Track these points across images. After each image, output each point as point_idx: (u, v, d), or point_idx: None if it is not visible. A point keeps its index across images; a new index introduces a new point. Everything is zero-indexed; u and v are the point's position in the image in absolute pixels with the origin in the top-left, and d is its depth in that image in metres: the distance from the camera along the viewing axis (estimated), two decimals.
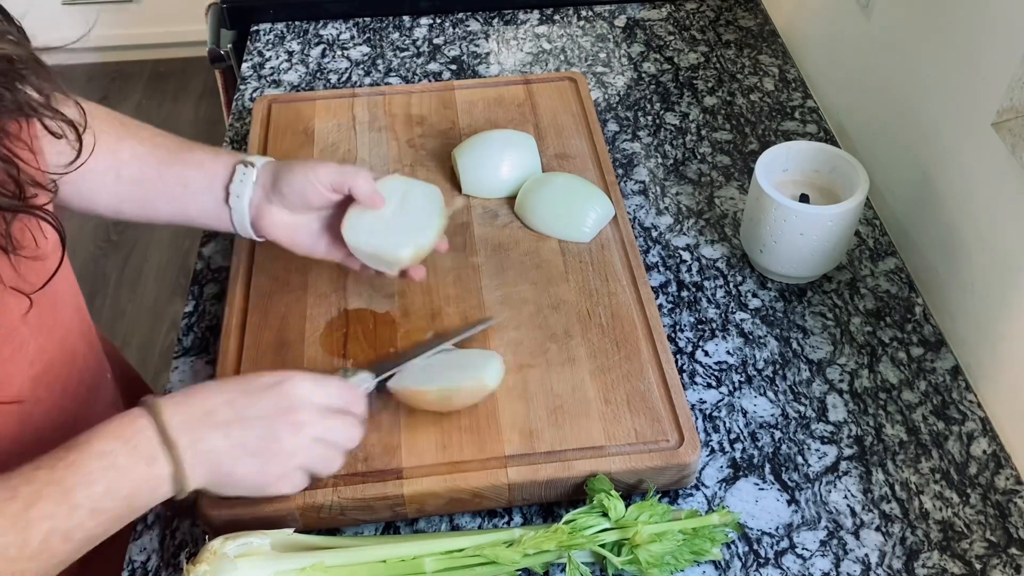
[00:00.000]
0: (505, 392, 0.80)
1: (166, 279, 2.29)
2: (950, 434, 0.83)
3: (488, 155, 0.98)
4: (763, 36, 1.29)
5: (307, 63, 1.26)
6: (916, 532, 0.76)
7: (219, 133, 2.64)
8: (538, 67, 1.24)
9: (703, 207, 1.04)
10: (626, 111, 1.17)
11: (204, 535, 0.76)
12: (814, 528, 0.76)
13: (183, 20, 2.77)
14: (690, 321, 0.92)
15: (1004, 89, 0.79)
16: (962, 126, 0.87)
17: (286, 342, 0.84)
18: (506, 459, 0.75)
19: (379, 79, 1.22)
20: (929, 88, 0.93)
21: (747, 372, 0.88)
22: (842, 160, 0.92)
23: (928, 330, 0.91)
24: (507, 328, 0.85)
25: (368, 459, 0.75)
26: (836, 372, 0.88)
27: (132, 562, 0.75)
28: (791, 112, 1.16)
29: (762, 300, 0.94)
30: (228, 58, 1.33)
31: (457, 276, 0.90)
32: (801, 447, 0.82)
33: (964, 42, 0.86)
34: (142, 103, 2.79)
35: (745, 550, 0.75)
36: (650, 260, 0.98)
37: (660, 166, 1.09)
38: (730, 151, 1.11)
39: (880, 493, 0.78)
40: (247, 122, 1.15)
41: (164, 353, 2.12)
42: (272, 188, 0.80)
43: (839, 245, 0.91)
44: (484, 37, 1.30)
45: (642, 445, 0.76)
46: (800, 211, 0.88)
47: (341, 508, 0.73)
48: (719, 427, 0.83)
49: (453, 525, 0.77)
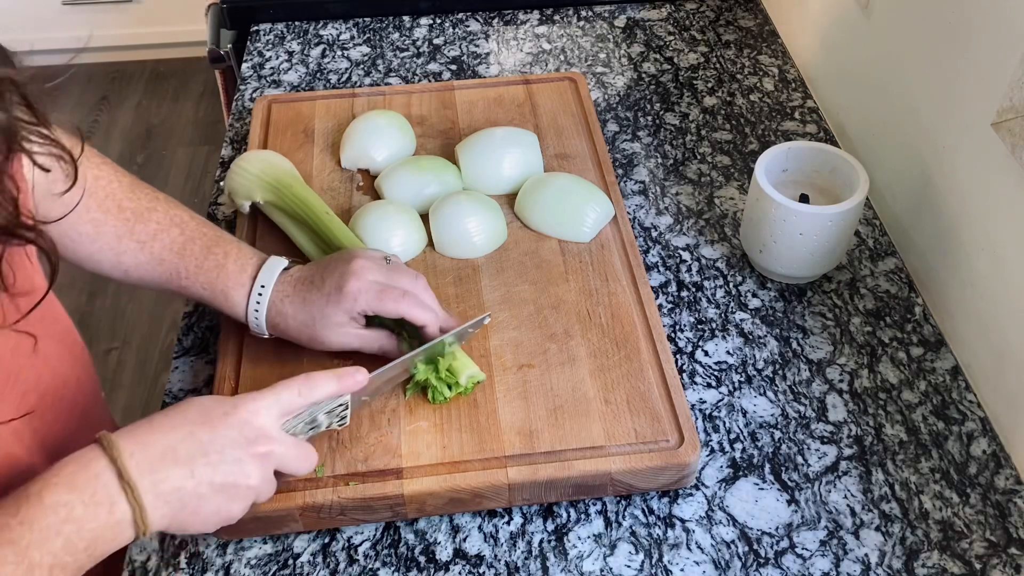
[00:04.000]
0: (505, 392, 0.80)
1: None
2: (950, 434, 0.83)
3: (491, 151, 0.98)
4: (763, 36, 1.29)
5: (307, 63, 1.26)
6: (916, 532, 0.76)
7: (219, 133, 2.65)
8: (538, 67, 1.24)
9: (703, 207, 1.04)
10: (626, 111, 1.17)
11: (204, 535, 0.76)
12: (814, 528, 0.76)
13: (183, 20, 2.77)
14: (690, 321, 0.92)
15: (1004, 89, 0.79)
16: (962, 126, 0.87)
17: (286, 342, 0.84)
18: (506, 459, 0.75)
19: (379, 79, 1.22)
20: (929, 88, 0.93)
21: (747, 372, 0.88)
22: (842, 160, 0.92)
23: (928, 330, 0.91)
24: (507, 328, 0.85)
25: (368, 459, 0.75)
26: (836, 372, 0.88)
27: (132, 562, 0.75)
28: (791, 112, 1.16)
29: (762, 300, 0.94)
30: (228, 58, 1.33)
31: (457, 276, 0.90)
32: (801, 447, 0.82)
33: (964, 42, 0.86)
34: (142, 103, 2.79)
35: (745, 550, 0.75)
36: (650, 260, 0.98)
37: (660, 166, 1.09)
38: (730, 151, 1.11)
39: (880, 493, 0.79)
40: (247, 122, 1.16)
41: (164, 353, 2.12)
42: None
43: (839, 245, 0.91)
44: (484, 37, 1.30)
45: (642, 445, 0.76)
46: (800, 211, 0.88)
47: (341, 508, 0.73)
48: (719, 427, 0.83)
49: (453, 525, 0.77)
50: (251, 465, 0.63)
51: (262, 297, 0.79)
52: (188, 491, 0.61)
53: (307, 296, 0.78)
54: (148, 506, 0.59)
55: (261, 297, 0.79)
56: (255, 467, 0.63)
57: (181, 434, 0.61)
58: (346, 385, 0.69)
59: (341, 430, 0.77)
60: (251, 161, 0.95)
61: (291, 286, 0.79)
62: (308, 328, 0.79)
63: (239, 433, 0.63)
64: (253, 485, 0.63)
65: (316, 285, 0.78)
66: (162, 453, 0.60)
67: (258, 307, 0.79)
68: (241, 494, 0.63)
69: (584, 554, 0.75)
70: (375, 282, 0.78)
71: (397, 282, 0.79)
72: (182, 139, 2.66)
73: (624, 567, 0.74)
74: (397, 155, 1.01)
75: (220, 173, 1.07)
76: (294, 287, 0.79)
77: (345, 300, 0.77)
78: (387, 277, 0.79)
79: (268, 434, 0.64)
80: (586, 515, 0.77)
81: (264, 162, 0.95)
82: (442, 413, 0.78)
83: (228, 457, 0.62)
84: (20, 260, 0.67)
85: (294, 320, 0.79)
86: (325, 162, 1.02)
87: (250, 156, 0.96)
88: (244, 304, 0.79)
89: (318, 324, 0.78)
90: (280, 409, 0.65)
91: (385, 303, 0.77)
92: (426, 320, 0.79)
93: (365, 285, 0.77)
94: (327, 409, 0.70)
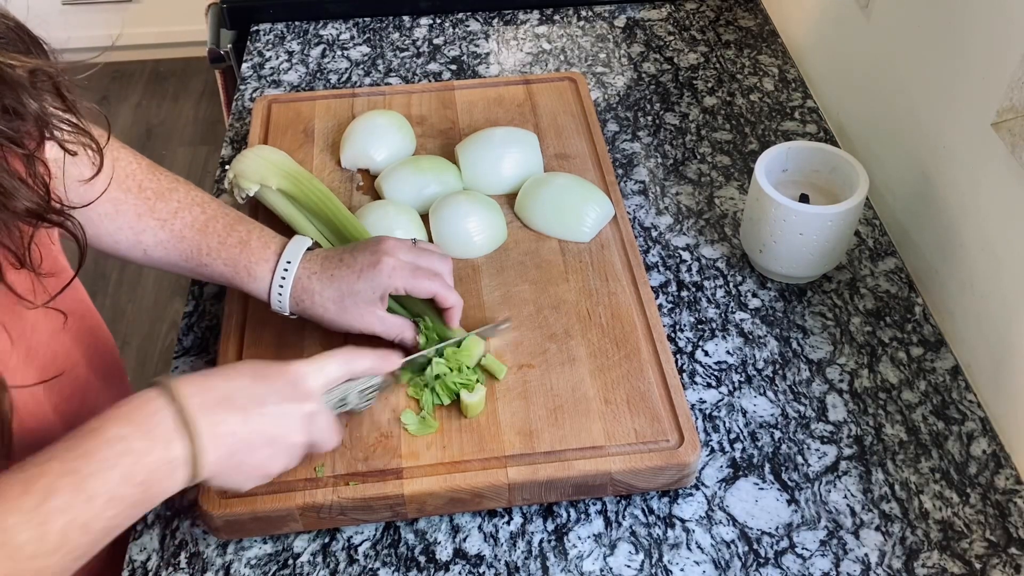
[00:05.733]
0: (505, 392, 0.80)
1: (166, 279, 2.29)
2: (950, 434, 0.83)
3: (491, 151, 0.98)
4: (763, 36, 1.29)
5: (307, 63, 1.26)
6: (916, 532, 0.76)
7: (219, 133, 2.65)
8: (538, 67, 1.24)
9: (703, 207, 1.04)
10: (626, 111, 1.17)
11: (204, 534, 0.76)
12: (814, 528, 0.76)
13: (183, 20, 2.77)
14: (690, 321, 0.92)
15: (1004, 89, 0.79)
16: (962, 126, 0.87)
17: (286, 342, 0.84)
18: (506, 459, 0.75)
19: (379, 79, 1.22)
20: (929, 88, 0.93)
21: (747, 372, 0.88)
22: (842, 160, 0.92)
23: (928, 330, 0.91)
24: (507, 328, 0.85)
25: (368, 459, 0.75)
26: (836, 372, 0.88)
27: (132, 562, 0.75)
28: (791, 112, 1.16)
29: (762, 300, 0.94)
30: (228, 58, 1.33)
31: (457, 276, 0.90)
32: (801, 447, 0.82)
33: (964, 42, 0.86)
34: (142, 103, 2.79)
35: (745, 550, 0.75)
36: (650, 260, 0.98)
37: (660, 166, 1.09)
38: (730, 151, 1.11)
39: (880, 493, 0.79)
40: (247, 122, 1.16)
41: (164, 353, 2.12)
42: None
43: (839, 245, 0.91)
44: (484, 37, 1.30)
45: (642, 445, 0.76)
46: (800, 211, 0.88)
47: (341, 508, 0.73)
48: (719, 427, 0.83)
49: (453, 525, 0.77)
50: (298, 421, 0.66)
51: (288, 272, 0.78)
52: (241, 437, 0.63)
53: (335, 273, 0.78)
54: (204, 446, 0.61)
55: (287, 272, 0.78)
56: (301, 425, 0.66)
57: (239, 384, 0.65)
58: (383, 365, 0.73)
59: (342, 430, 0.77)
60: (264, 150, 0.96)
61: (318, 264, 0.79)
62: (335, 305, 0.78)
63: (292, 390, 0.66)
64: (297, 442, 0.66)
65: (346, 263, 0.78)
66: (221, 398, 0.63)
67: (283, 283, 0.79)
68: (284, 450, 0.66)
69: (584, 554, 0.75)
70: (408, 262, 0.79)
71: (429, 263, 0.80)
72: (182, 139, 2.66)
73: (624, 567, 0.74)
74: (397, 155, 1.01)
75: (220, 173, 1.07)
76: (321, 265, 0.79)
77: (379, 275, 0.77)
78: (419, 258, 0.80)
79: (315, 397, 0.68)
80: (586, 515, 0.77)
81: (278, 153, 0.96)
82: (442, 413, 0.78)
83: (280, 411, 0.65)
84: (45, 243, 0.69)
85: (320, 297, 0.78)
86: (325, 162, 1.02)
87: (262, 146, 0.97)
88: (268, 279, 0.79)
89: (347, 300, 0.78)
90: (324, 378, 0.69)
91: (420, 281, 0.78)
92: (454, 303, 0.80)
93: (399, 263, 0.78)
94: (360, 388, 0.73)
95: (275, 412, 0.65)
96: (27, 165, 0.60)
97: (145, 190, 0.80)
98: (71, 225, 0.64)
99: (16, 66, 0.57)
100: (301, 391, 0.67)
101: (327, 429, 0.69)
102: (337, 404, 0.72)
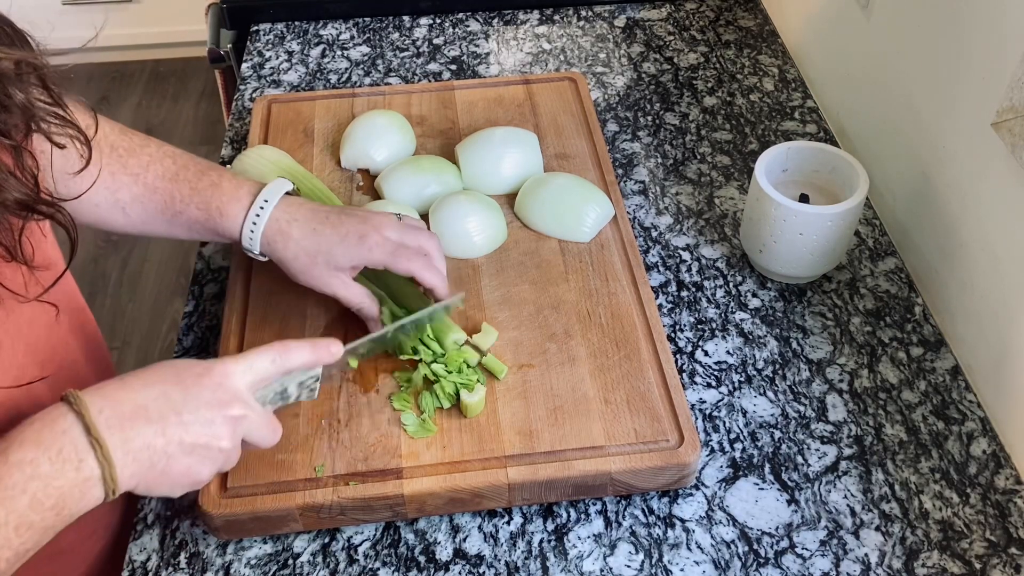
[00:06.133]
0: (505, 392, 0.80)
1: (166, 279, 2.29)
2: (950, 434, 0.83)
3: (491, 151, 0.98)
4: (763, 36, 1.29)
5: (307, 63, 1.26)
6: (916, 532, 0.76)
7: (219, 133, 2.65)
8: (538, 67, 1.24)
9: (703, 207, 1.04)
10: (626, 111, 1.17)
11: (204, 534, 0.76)
12: (814, 528, 0.76)
13: (183, 20, 2.77)
14: (690, 321, 0.92)
15: (1004, 89, 0.79)
16: (962, 126, 0.87)
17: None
18: (506, 459, 0.75)
19: (379, 79, 1.22)
20: (929, 88, 0.93)
21: (747, 372, 0.88)
22: (842, 160, 0.92)
23: (928, 330, 0.91)
24: (507, 328, 0.85)
25: (368, 459, 0.75)
26: (836, 372, 0.88)
27: (132, 562, 0.75)
28: (791, 112, 1.16)
29: (762, 300, 0.94)
30: (228, 58, 1.33)
31: (457, 276, 0.90)
32: (801, 447, 0.82)
33: (964, 42, 0.86)
34: (142, 103, 2.79)
35: (745, 550, 0.75)
36: (650, 260, 0.98)
37: (660, 166, 1.09)
38: (730, 151, 1.11)
39: (880, 493, 0.79)
40: (247, 122, 1.16)
41: (164, 353, 2.12)
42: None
43: (839, 245, 0.91)
44: (484, 37, 1.30)
45: (642, 445, 0.76)
46: (800, 211, 0.88)
47: (341, 508, 0.73)
48: (719, 427, 0.83)
49: (453, 525, 0.77)
50: (223, 427, 0.61)
51: (263, 211, 0.78)
52: (158, 449, 0.59)
53: (318, 228, 0.78)
54: (117, 463, 0.57)
55: (262, 211, 0.78)
56: (227, 429, 0.62)
57: (154, 392, 0.60)
58: (320, 356, 0.68)
59: (342, 430, 0.77)
60: (264, 150, 0.96)
61: (302, 213, 0.79)
62: (308, 258, 0.78)
63: (212, 395, 0.61)
64: (225, 448, 0.62)
65: (332, 223, 0.78)
66: (133, 410, 0.59)
67: (257, 219, 0.78)
68: (211, 456, 0.62)
69: (584, 554, 0.75)
70: (391, 240, 0.79)
71: (414, 240, 0.80)
72: (182, 139, 2.65)
73: (624, 567, 0.74)
74: (397, 155, 1.01)
75: None
76: (306, 215, 0.78)
77: (362, 247, 0.77)
78: (404, 235, 0.79)
79: (241, 398, 0.63)
80: (586, 515, 0.77)
81: (278, 154, 0.96)
82: (442, 413, 0.78)
83: (200, 417, 0.60)
84: (37, 236, 0.68)
85: (296, 245, 0.78)
86: (325, 162, 1.02)
87: (262, 146, 0.97)
88: (241, 218, 0.78)
89: (320, 258, 0.78)
90: (254, 376, 0.64)
91: (399, 260, 0.78)
92: (435, 283, 0.80)
93: (383, 240, 0.78)
94: (299, 380, 0.68)
95: (195, 419, 0.60)
96: (15, 157, 0.60)
97: (117, 148, 0.80)
98: (61, 217, 0.63)
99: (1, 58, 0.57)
100: (226, 393, 0.62)
101: (261, 427, 0.64)
102: (276, 398, 0.67)
